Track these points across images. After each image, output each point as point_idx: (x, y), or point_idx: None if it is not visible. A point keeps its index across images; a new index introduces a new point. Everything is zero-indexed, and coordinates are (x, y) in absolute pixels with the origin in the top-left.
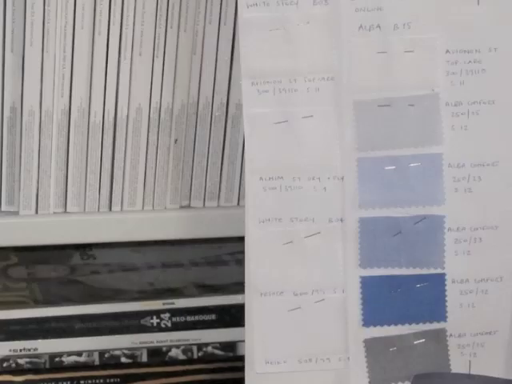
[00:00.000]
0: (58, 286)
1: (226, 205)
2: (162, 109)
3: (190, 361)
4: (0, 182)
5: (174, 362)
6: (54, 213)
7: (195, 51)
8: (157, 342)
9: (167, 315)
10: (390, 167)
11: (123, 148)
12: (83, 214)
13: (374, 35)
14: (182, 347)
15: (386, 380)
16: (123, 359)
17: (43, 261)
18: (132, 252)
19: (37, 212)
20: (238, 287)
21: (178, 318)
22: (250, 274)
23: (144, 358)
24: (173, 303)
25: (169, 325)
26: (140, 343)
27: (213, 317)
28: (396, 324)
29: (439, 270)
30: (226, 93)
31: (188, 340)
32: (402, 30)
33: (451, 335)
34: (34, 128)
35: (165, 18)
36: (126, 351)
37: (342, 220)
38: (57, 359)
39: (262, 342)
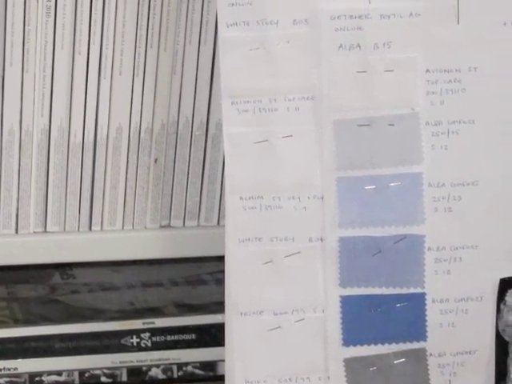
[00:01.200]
0: (37, 306)
1: (205, 224)
2: (142, 128)
3: (170, 380)
4: None
5: (154, 381)
6: (34, 232)
7: (175, 71)
8: (137, 361)
9: (147, 335)
10: (369, 186)
11: (103, 167)
12: (63, 234)
13: (354, 54)
14: (162, 367)
15: None
16: (103, 379)
17: (23, 280)
18: (112, 271)
19: (17, 231)
20: (218, 307)
21: (157, 338)
22: (229, 294)
23: (124, 378)
24: (153, 323)
25: (149, 344)
26: (120, 363)
27: (193, 336)
28: (376, 343)
29: (419, 290)
30: (206, 112)
31: (168, 359)
32: (382, 50)
33: (431, 355)
34: (14, 147)
35: (145, 38)
36: (106, 371)
37: (321, 239)
38: (37, 379)
39: (242, 361)
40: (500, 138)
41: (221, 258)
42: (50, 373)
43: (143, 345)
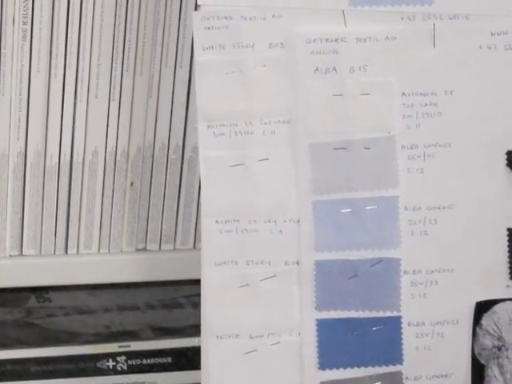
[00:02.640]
0: (13, 329)
1: (181, 248)
2: (118, 152)
3: None
4: None
5: None
6: (10, 255)
7: (151, 94)
8: None
9: (123, 358)
10: (345, 210)
11: (79, 191)
12: (39, 257)
13: (330, 78)
14: None
15: None
16: None
17: None
18: (88, 295)
19: None
20: (194, 330)
21: (133, 361)
22: (205, 317)
23: None
24: (129, 346)
25: (125, 368)
26: None
27: (169, 360)
28: (352, 367)
29: (395, 313)
30: (182, 136)
31: (144, 383)
32: (358, 73)
33: (407, 378)
34: None
35: (121, 61)
36: None
37: (298, 263)
38: None
39: None
40: (476, 162)
41: (197, 282)
42: None
43: (119, 368)
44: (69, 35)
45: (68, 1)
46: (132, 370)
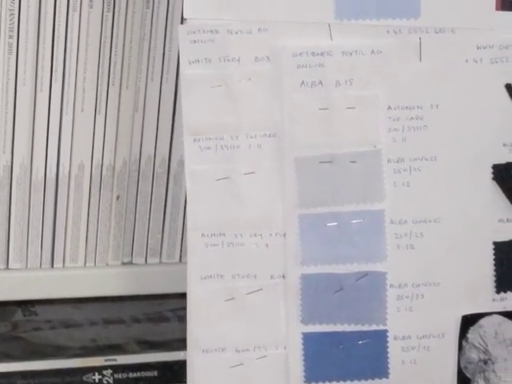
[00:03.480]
0: None
1: (167, 261)
2: (104, 165)
3: None
4: None
5: None
6: None
7: (137, 108)
8: None
9: (109, 372)
10: (331, 223)
11: (65, 204)
12: (25, 271)
13: (315, 92)
14: None
15: None
16: None
17: None
18: (74, 308)
19: None
20: (180, 344)
21: (120, 375)
22: (191, 331)
23: None
24: (115, 360)
25: (111, 381)
26: None
27: (155, 373)
28: (338, 381)
29: (381, 327)
30: (168, 149)
31: None
32: (344, 87)
33: None
34: None
35: (107, 75)
36: None
37: (283, 276)
38: None
39: None
40: (462, 175)
41: (183, 295)
42: None
43: (105, 382)
44: (55, 48)
45: (54, 14)
46: (118, 383)
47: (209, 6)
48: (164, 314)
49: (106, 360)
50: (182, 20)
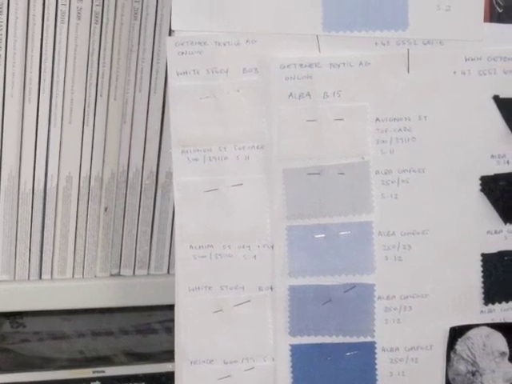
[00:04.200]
0: None
1: (155, 273)
2: (92, 177)
3: None
4: None
5: None
6: None
7: (125, 119)
8: None
9: (97, 383)
10: (319, 235)
11: (53, 216)
12: (13, 282)
13: (303, 103)
14: None
15: None
16: None
17: None
18: (62, 320)
19: None
20: (168, 355)
21: None
22: (179, 342)
23: None
24: (103, 371)
25: None
26: None
27: None
28: None
29: (369, 339)
30: (156, 161)
31: None
32: (332, 99)
33: None
34: None
35: (95, 87)
36: None
37: (271, 288)
38: None
39: None
40: (450, 187)
41: (171, 307)
42: None
43: None
44: (43, 60)
45: (42, 26)
46: None
47: (197, 17)
48: (152, 326)
49: (94, 372)
50: (170, 32)
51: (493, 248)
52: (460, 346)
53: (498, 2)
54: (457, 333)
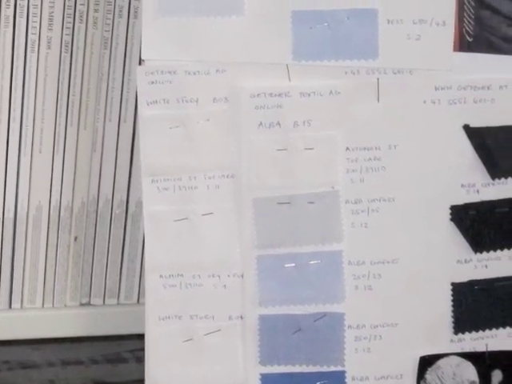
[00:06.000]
0: None
1: (125, 302)
2: (62, 206)
3: None
4: None
5: None
6: None
7: (95, 149)
8: None
9: None
10: (289, 264)
11: (23, 245)
12: None
13: (273, 132)
14: None
15: None
16: None
17: None
18: (32, 349)
19: None
20: None
21: None
22: (149, 372)
23: None
24: None
25: None
26: None
27: None
28: None
29: (339, 368)
30: (126, 190)
31: None
32: (302, 128)
33: None
34: None
35: (65, 116)
36: None
37: (242, 317)
38: None
39: None
40: (420, 216)
41: (141, 336)
42: None
43: None
44: (13, 89)
45: (12, 54)
46: None
47: (167, 46)
48: (122, 355)
49: None
50: (140, 61)
51: (463, 277)
52: (430, 375)
53: (467, 31)
54: (427, 362)
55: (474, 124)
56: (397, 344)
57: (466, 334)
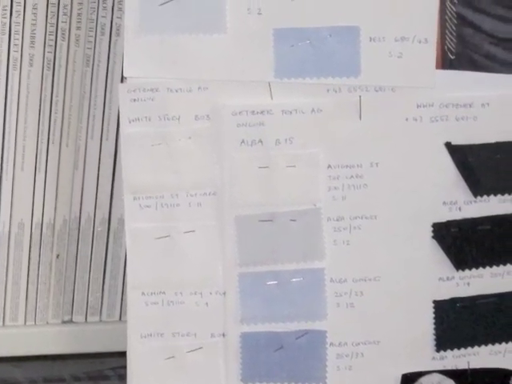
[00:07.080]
0: None
1: (108, 320)
2: (44, 224)
3: None
4: None
5: None
6: None
7: (77, 166)
8: None
9: None
10: (271, 282)
11: (5, 263)
12: None
13: (255, 150)
14: None
15: None
16: None
17: None
18: (14, 367)
19: None
20: None
21: None
22: None
23: None
24: None
25: None
26: None
27: None
28: None
29: None
30: (108, 208)
31: None
32: (284, 145)
33: None
34: None
35: (47, 133)
36: None
37: (224, 335)
38: None
39: None
40: (402, 234)
41: (123, 354)
42: None
43: None
44: None
45: None
46: None
47: (149, 64)
48: (104, 373)
49: None
50: (122, 78)
51: (445, 295)
52: None
53: (449, 48)
54: (408, 380)
55: (456, 141)
56: (378, 361)
57: (448, 351)
